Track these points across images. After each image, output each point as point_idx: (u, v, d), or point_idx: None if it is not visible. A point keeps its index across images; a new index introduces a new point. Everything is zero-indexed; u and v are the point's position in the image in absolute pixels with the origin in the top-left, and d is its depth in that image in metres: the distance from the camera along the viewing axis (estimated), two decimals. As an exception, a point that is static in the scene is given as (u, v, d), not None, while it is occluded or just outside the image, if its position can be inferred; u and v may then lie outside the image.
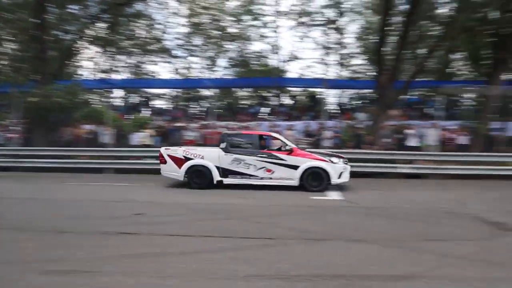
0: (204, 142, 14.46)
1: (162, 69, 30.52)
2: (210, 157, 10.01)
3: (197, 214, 6.95)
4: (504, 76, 16.82)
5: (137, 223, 6.14)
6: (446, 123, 16.06)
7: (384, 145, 13.87)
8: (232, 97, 27.03)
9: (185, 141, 14.46)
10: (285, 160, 9.77)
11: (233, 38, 26.63)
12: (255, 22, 26.71)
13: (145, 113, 21.78)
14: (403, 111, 18.50)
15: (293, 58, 28.17)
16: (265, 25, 27.05)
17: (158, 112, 21.97)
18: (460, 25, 15.20)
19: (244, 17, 26.47)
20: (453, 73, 24.46)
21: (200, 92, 24.74)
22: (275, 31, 27.51)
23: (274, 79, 23.35)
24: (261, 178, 9.87)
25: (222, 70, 28.22)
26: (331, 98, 24.02)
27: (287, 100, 25.82)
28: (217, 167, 9.93)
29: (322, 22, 26.05)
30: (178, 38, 26.45)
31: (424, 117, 17.66)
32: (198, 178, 9.97)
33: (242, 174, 9.93)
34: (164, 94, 27.70)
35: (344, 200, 8.47)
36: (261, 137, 10.66)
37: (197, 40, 26.82)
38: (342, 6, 25.67)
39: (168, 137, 15.17)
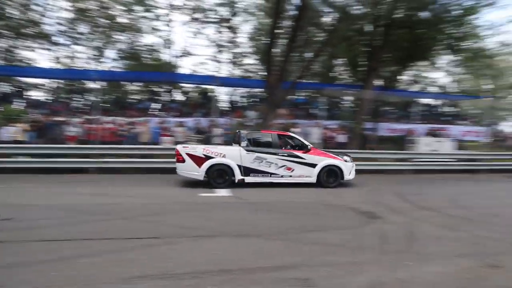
0: (88, 138, 13.51)
1: (40, 57, 27.46)
2: (232, 155, 9.85)
3: (76, 216, 6.39)
4: (376, 82, 18.91)
5: (5, 230, 5.48)
6: (328, 123, 17.54)
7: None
8: (121, 91, 25.68)
9: (66, 137, 13.33)
10: (304, 159, 10.21)
11: (123, 28, 25.30)
12: (147, 14, 25.77)
13: (18, 105, 19.41)
14: (290, 111, 19.61)
15: (186, 54, 27.90)
16: (157, 17, 26.28)
17: (34, 104, 19.73)
18: (340, 34, 16.67)
19: (136, 8, 25.33)
20: (335, 77, 26.69)
21: (85, 84, 22.91)
22: (168, 25, 26.93)
23: (166, 74, 22.81)
24: (282, 176, 10.12)
25: (111, 62, 26.65)
26: (223, 95, 24.37)
27: (178, 96, 25.44)
28: (239, 166, 9.84)
29: (215, 20, 26.27)
30: (60, 24, 24.22)
31: (309, 117, 18.99)
32: (219, 177, 9.73)
33: (263, 173, 10.03)
34: (42, 85, 24.93)
35: (233, 196, 8.65)
36: (280, 136, 10.64)
37: (83, 28, 24.87)
38: (236, 6, 26.21)
39: (45, 132, 13.76)
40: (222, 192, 9.03)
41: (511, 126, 35.30)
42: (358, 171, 13.43)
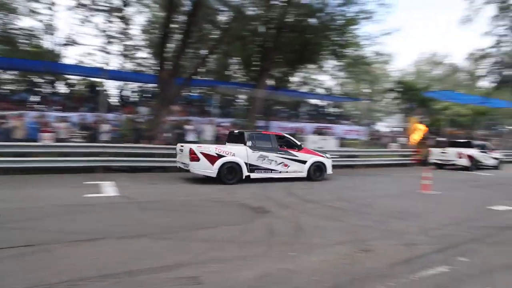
0: None
1: None
2: (240, 154, 10.79)
3: None
4: (268, 82, 19.68)
5: None
6: (222, 120, 17.74)
7: (164, 140, 14.18)
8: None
9: None
10: (297, 156, 11.84)
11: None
12: (24, -8, 23.17)
13: None
14: (184, 107, 19.38)
15: (71, 42, 25.67)
16: (37, -2, 23.79)
17: None
18: (234, 33, 16.98)
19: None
20: (230, 75, 27.10)
21: None
22: (50, 8, 24.53)
23: (47, 63, 20.71)
24: (280, 172, 11.49)
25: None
26: (112, 90, 23.08)
27: (62, 89, 23.34)
28: (246, 163, 10.80)
29: (106, 8, 24.67)
30: None
31: (203, 114, 18.98)
32: (229, 174, 10.55)
33: (265, 169, 11.23)
34: None
35: (119, 196, 8.23)
36: (277, 136, 12.00)
37: None
38: (129, -5, 24.99)
39: None
40: (110, 192, 8.53)
41: (386, 126, 39.85)
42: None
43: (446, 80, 48.73)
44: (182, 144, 11.34)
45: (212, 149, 10.55)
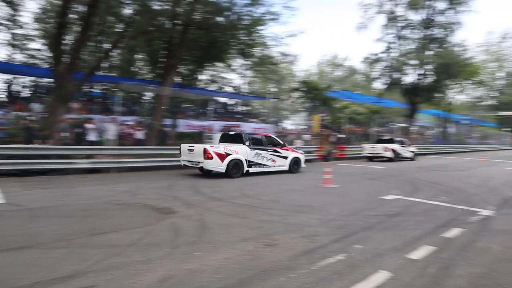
0: None
1: None
2: (242, 152, 12.72)
3: None
4: (175, 79, 19.27)
5: None
6: (126, 118, 16.94)
7: (61, 140, 13.11)
8: None
9: None
10: (281, 153, 14.14)
11: None
12: None
13: None
14: (84, 104, 18.15)
15: None
16: None
17: None
18: (139, 27, 16.31)
19: None
20: (135, 72, 26.00)
21: None
22: None
23: None
24: (269, 166, 13.62)
25: None
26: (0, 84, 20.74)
27: None
28: (246, 160, 12.77)
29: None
30: None
31: (106, 112, 17.94)
32: (235, 169, 12.38)
33: (260, 164, 13.32)
34: None
35: (6, 203, 7.40)
36: (266, 137, 14.32)
37: None
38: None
39: None
40: (-7, 199, 7.63)
41: (291, 124, 41.58)
42: (157, 168, 13.51)
43: (346, 81, 52.55)
44: (192, 145, 12.96)
45: (222, 148, 12.36)
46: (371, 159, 22.72)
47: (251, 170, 13.02)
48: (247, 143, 13.12)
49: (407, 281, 4.00)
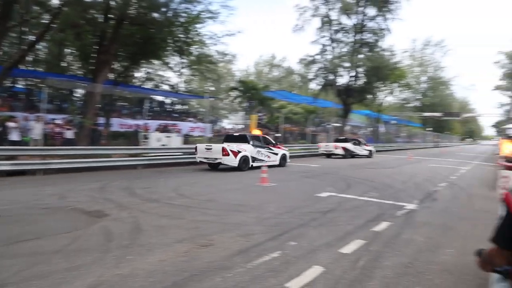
0: None
1: None
2: (248, 150, 15.32)
3: None
4: (108, 76, 18.45)
5: None
6: (54, 117, 15.91)
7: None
8: None
9: None
10: (274, 150, 16.92)
11: None
12: None
13: None
14: (5, 101, 16.79)
15: None
16: None
17: None
18: (68, 19, 15.38)
19: None
20: (65, 67, 24.53)
21: None
22: None
23: None
24: (266, 161, 15.70)
25: None
26: None
27: None
28: (251, 156, 15.37)
29: None
30: None
31: (31, 109, 16.73)
32: (244, 163, 14.96)
33: (260, 160, 15.71)
34: None
35: None
36: (263, 136, 17.10)
37: None
38: None
39: None
40: None
41: (230, 123, 41.62)
42: (89, 169, 12.90)
43: (283, 81, 53.61)
44: (209, 145, 15.56)
45: (235, 147, 14.87)
46: (328, 156, 25.32)
47: (254, 164, 15.59)
48: (251, 142, 15.79)
49: (339, 274, 4.15)
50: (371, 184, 12.04)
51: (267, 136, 17.70)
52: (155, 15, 17.54)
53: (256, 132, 23.29)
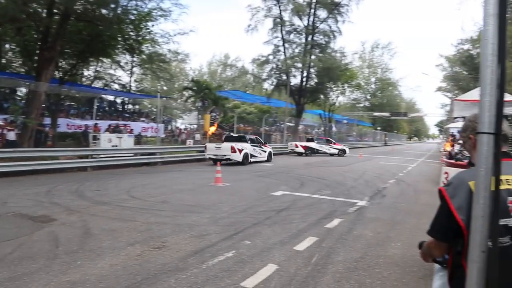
0: None
1: None
2: (247, 148, 18.56)
3: None
4: (54, 74, 17.56)
5: None
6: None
7: None
8: None
9: None
10: (263, 148, 20.31)
11: None
12: None
13: None
14: None
15: None
16: None
17: None
18: (6, 12, 14.43)
19: None
20: (5, 64, 23.06)
21: None
22: None
23: None
24: (258, 158, 19.47)
25: None
26: None
27: None
28: (250, 153, 18.61)
29: None
30: None
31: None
32: (245, 159, 18.18)
33: (255, 156, 19.20)
34: None
35: None
36: (256, 137, 20.77)
37: None
38: None
39: None
40: None
41: (183, 123, 41.08)
42: (34, 172, 12.29)
43: (237, 81, 53.66)
44: (219, 144, 18.74)
45: (240, 145, 18.05)
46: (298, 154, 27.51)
47: (252, 160, 18.84)
48: (249, 142, 19.13)
49: (292, 272, 4.23)
50: (324, 182, 12.34)
51: (259, 137, 21.29)
52: (104, 11, 16.89)
53: (211, 128, 23.70)
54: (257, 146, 19.61)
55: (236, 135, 20.69)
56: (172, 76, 34.85)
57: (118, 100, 30.62)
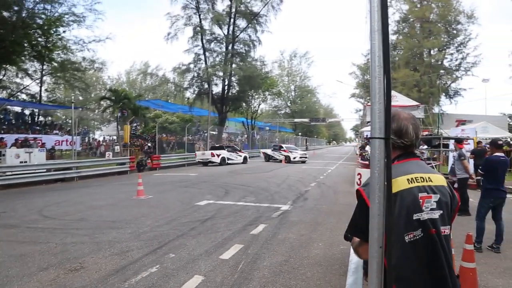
0: None
1: None
2: (225, 154, 25.61)
3: None
4: None
5: None
6: None
7: None
8: None
9: None
10: (239, 154, 27.79)
11: None
12: None
13: None
14: None
15: None
16: None
17: None
18: None
19: None
20: None
21: None
22: None
23: None
24: (235, 160, 26.68)
25: None
26: None
27: None
28: (227, 157, 25.76)
29: None
30: None
31: None
32: (223, 161, 25.08)
33: (231, 159, 26.22)
34: None
35: None
36: (233, 146, 30.91)
37: None
38: None
39: None
40: None
41: (102, 135, 39.13)
42: None
43: (158, 90, 52.43)
44: (203, 151, 26.58)
45: (218, 152, 25.23)
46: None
47: (229, 162, 25.55)
48: (226, 149, 26.45)
49: (219, 281, 4.23)
50: (248, 189, 12.51)
51: (235, 146, 30.78)
52: (5, 14, 15.56)
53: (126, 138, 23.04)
54: (233, 152, 27.02)
55: (217, 145, 29.08)
56: (88, 86, 33.13)
57: (27, 112, 28.27)
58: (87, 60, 26.69)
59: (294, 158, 28.90)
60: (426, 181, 1.60)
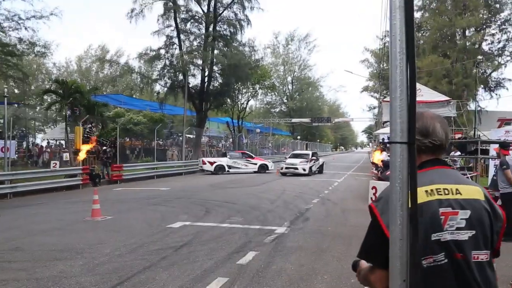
0: None
1: None
2: (224, 161, 30.37)
3: None
4: None
5: None
6: None
7: None
8: None
9: None
10: (251, 161, 31.42)
11: None
12: None
13: None
14: None
15: None
16: None
17: None
18: None
19: None
20: None
21: None
22: None
23: None
24: (242, 169, 30.37)
25: None
26: None
27: None
28: (226, 165, 29.95)
29: None
30: None
31: None
32: (220, 170, 29.18)
33: (235, 168, 30.22)
34: None
35: None
36: (243, 153, 34.21)
37: None
38: None
39: None
40: None
41: (46, 139, 38.76)
42: None
43: (119, 82, 52.19)
44: (203, 159, 31.47)
45: (212, 160, 30.86)
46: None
47: (230, 170, 29.12)
48: (228, 156, 30.87)
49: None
50: (234, 206, 12.51)
51: (247, 152, 34.04)
52: None
53: (84, 147, 21.92)
54: (240, 159, 30.67)
55: (224, 151, 36.08)
56: (27, 75, 32.74)
57: None
58: (24, 42, 26.29)
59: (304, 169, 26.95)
60: (453, 194, 1.59)
